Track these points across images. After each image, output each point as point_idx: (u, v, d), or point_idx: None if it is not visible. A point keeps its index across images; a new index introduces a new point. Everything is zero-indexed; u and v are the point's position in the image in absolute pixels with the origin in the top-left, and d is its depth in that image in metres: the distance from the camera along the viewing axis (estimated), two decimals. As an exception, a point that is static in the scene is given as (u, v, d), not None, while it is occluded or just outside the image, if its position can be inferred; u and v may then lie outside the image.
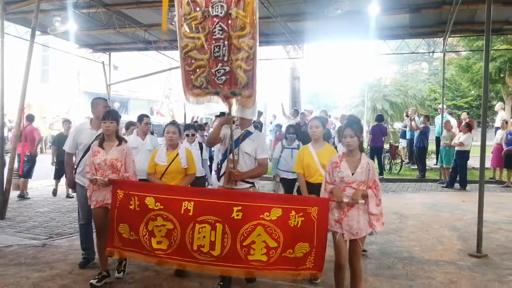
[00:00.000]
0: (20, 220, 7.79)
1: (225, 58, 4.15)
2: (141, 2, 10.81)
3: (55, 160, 10.11)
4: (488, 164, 12.29)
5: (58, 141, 9.94)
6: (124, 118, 8.61)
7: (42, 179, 11.53)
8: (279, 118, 17.02)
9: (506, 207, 8.94)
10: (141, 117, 6.39)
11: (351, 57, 26.74)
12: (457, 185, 11.62)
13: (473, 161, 11.40)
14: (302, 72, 20.53)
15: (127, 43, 14.72)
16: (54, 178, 10.22)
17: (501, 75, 22.25)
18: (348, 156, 3.98)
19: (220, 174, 4.74)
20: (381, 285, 4.84)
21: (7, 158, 8.53)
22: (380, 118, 13.55)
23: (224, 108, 4.52)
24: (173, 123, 5.46)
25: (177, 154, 5.07)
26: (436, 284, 4.86)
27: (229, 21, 4.09)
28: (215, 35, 4.14)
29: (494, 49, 20.25)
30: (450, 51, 23.78)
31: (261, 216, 3.97)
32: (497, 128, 13.77)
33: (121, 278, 4.80)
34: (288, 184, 6.46)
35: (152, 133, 6.99)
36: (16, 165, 8.89)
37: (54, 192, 10.13)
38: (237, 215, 4.03)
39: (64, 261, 5.48)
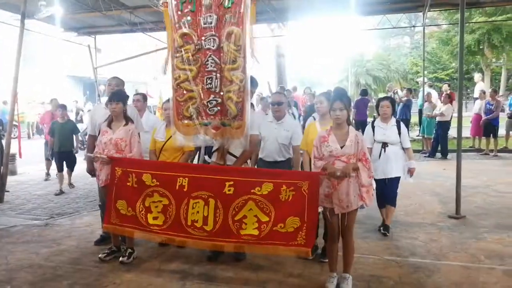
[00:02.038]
0: (19, 203, 8.02)
1: (217, 90, 4.32)
2: (125, -16, 10.85)
3: (50, 152, 9.22)
4: (468, 133, 12.82)
5: (54, 130, 9.09)
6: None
7: (34, 163, 11.67)
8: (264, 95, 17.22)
9: (484, 173, 9.45)
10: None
11: (334, 33, 26.89)
12: (438, 154, 12.12)
13: (454, 131, 11.85)
14: (287, 50, 20.73)
15: (112, 25, 14.63)
16: (59, 171, 9.02)
17: (480, 47, 22.69)
18: (336, 129, 4.00)
19: (212, 150, 4.90)
20: (369, 246, 5.24)
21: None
22: (364, 93, 13.91)
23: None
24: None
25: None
26: (418, 243, 5.30)
27: (221, 54, 4.25)
28: (208, 67, 4.32)
29: (472, 22, 20.63)
30: (430, 25, 24.05)
31: (252, 190, 4.08)
32: (476, 99, 14.24)
33: (126, 263, 4.77)
34: None
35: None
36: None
37: (59, 193, 8.69)
38: (229, 190, 4.17)
39: (68, 238, 5.77)
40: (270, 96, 14.39)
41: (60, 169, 8.98)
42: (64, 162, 9.02)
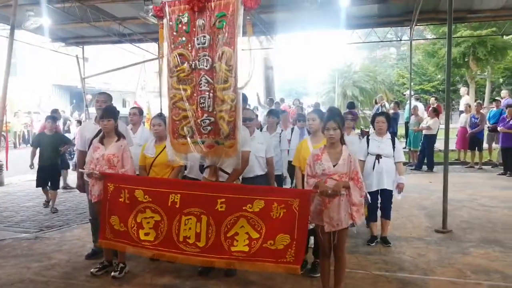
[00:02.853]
0: (7, 215, 7.96)
1: (210, 109, 4.40)
2: (116, -4, 10.90)
3: (33, 164, 8.41)
4: (453, 146, 13.05)
5: (39, 142, 8.44)
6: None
7: (20, 173, 11.55)
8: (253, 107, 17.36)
9: (470, 186, 9.64)
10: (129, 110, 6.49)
11: (322, 45, 27.20)
12: (425, 167, 12.31)
13: (440, 144, 12.07)
14: (275, 61, 20.96)
15: (101, 36, 14.68)
16: (37, 186, 8.45)
17: (465, 60, 23.13)
18: (330, 148, 4.08)
19: (204, 167, 4.91)
20: (358, 260, 5.32)
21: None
22: (351, 106, 14.06)
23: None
24: (158, 115, 5.56)
25: (165, 146, 5.09)
26: (406, 258, 5.39)
27: (214, 74, 4.33)
28: (201, 87, 4.40)
29: (457, 36, 21.04)
30: (417, 39, 24.45)
31: (244, 208, 4.14)
32: (462, 112, 14.50)
33: (118, 277, 4.78)
34: None
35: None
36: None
37: (46, 204, 8.49)
38: (221, 207, 4.22)
39: (59, 251, 5.75)
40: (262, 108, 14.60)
41: (43, 185, 8.37)
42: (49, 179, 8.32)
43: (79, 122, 15.02)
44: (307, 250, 4.71)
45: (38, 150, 8.39)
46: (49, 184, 8.37)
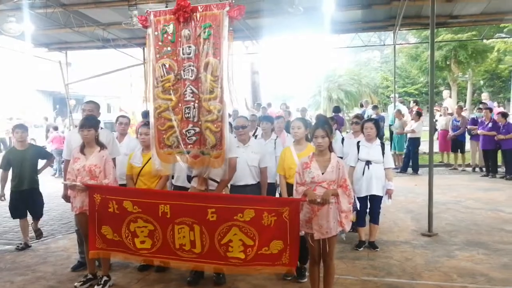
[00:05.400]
0: (-12, 226, 7.77)
1: (195, 119, 4.38)
2: (99, 2, 10.79)
3: (4, 195, 6.51)
4: (436, 149, 13.21)
5: (9, 161, 6.41)
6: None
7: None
8: (241, 112, 17.35)
9: (454, 188, 9.76)
10: (117, 118, 6.34)
11: (307, 49, 27.38)
12: (410, 170, 12.41)
13: (425, 147, 12.23)
14: (261, 66, 21.06)
15: (84, 41, 14.56)
16: (14, 217, 6.63)
17: (447, 63, 23.56)
18: (318, 156, 4.11)
19: (192, 176, 4.84)
20: (346, 266, 5.34)
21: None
22: (337, 110, 14.17)
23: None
24: (146, 124, 5.38)
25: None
26: (394, 262, 5.43)
27: (199, 84, 4.31)
28: (186, 97, 4.38)
29: (439, 41, 21.40)
30: (400, 44, 24.75)
31: (234, 217, 4.14)
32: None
33: None
34: None
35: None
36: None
37: (37, 234, 6.72)
38: (212, 217, 4.22)
39: (44, 264, 5.65)
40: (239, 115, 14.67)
41: (19, 215, 6.55)
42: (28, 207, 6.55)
43: (55, 128, 14.71)
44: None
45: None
46: (29, 212, 6.63)
